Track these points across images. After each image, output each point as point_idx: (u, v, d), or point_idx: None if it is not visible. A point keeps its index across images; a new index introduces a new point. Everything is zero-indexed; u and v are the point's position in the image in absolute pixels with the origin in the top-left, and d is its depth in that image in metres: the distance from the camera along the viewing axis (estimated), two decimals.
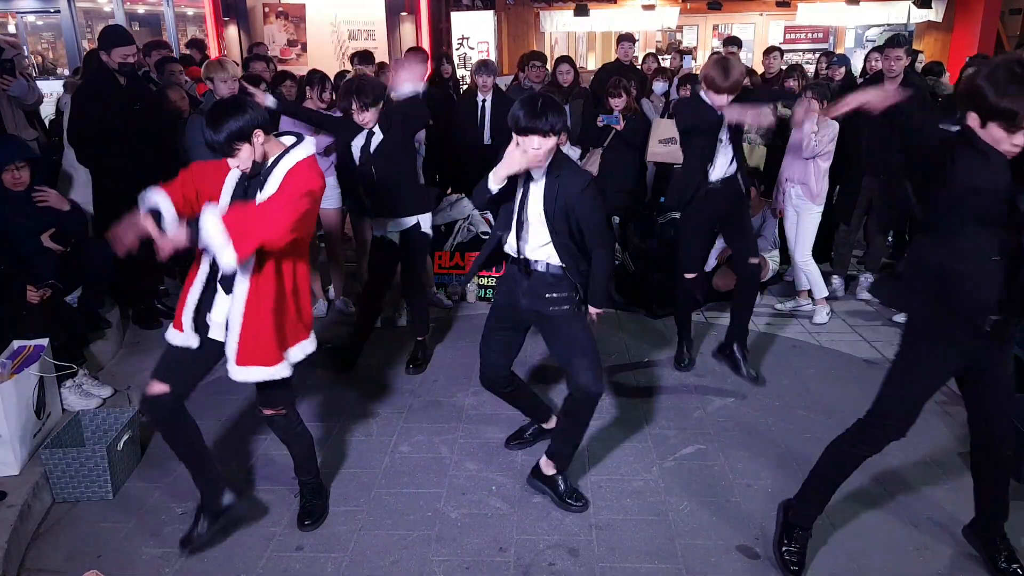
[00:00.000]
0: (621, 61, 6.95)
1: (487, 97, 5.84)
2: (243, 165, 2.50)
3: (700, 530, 2.91)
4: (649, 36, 15.11)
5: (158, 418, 2.67)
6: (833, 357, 4.45)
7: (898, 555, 2.76)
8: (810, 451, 3.42)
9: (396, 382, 4.16)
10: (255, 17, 11.10)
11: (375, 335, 4.79)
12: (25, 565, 2.78)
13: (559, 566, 2.73)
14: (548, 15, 13.16)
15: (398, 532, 2.92)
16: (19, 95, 4.64)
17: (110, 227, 2.50)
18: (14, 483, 3.02)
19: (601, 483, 3.21)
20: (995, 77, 1.93)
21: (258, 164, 2.53)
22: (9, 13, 10.81)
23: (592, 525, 2.94)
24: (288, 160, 2.53)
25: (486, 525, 2.96)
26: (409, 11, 12.08)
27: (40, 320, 3.53)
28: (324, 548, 2.84)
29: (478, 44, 11.44)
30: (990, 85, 1.94)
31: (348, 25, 11.10)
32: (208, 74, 4.54)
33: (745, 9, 13.55)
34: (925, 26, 12.12)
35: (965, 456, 3.36)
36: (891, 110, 2.46)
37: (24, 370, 3.20)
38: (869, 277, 5.40)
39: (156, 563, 2.77)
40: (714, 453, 3.44)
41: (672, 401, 3.91)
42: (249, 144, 2.46)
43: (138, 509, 3.08)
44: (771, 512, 2.94)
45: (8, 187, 3.77)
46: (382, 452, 3.48)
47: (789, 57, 13.17)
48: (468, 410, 3.87)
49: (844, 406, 3.84)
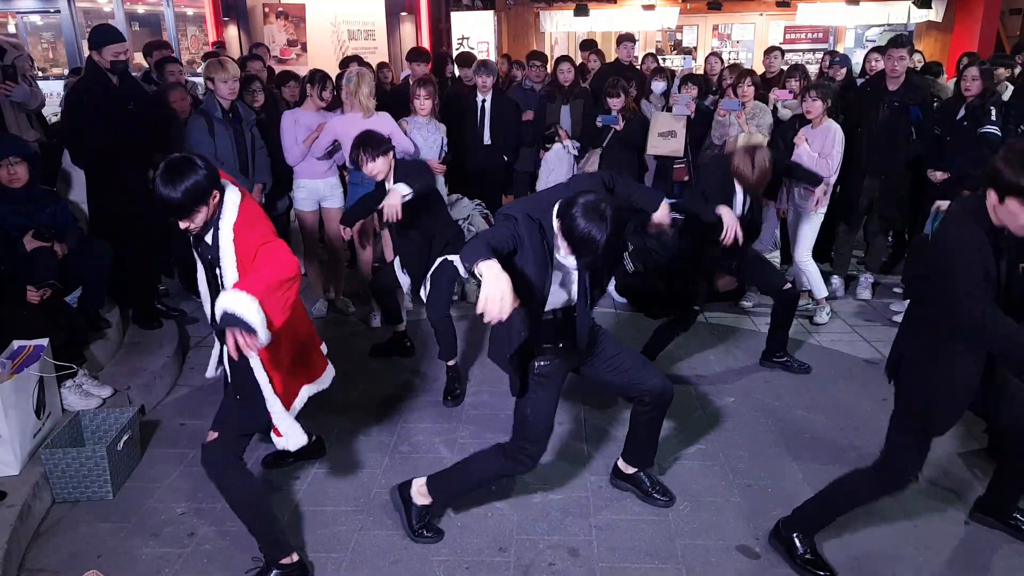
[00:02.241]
0: (621, 61, 6.95)
1: (487, 97, 5.84)
2: (195, 226, 2.42)
3: (700, 530, 2.91)
4: (649, 36, 15.09)
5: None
6: (833, 357, 4.45)
7: (898, 555, 2.76)
8: (810, 451, 3.44)
9: (396, 382, 4.16)
10: (255, 17, 11.10)
11: (375, 335, 4.80)
12: (25, 565, 2.78)
13: (559, 566, 2.73)
14: (548, 15, 13.14)
15: (398, 532, 2.91)
16: (21, 100, 4.64)
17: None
18: (14, 483, 3.02)
19: (601, 483, 3.21)
20: (1011, 158, 2.13)
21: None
22: (9, 13, 10.81)
23: (592, 525, 2.94)
24: (225, 221, 2.43)
25: (486, 525, 2.96)
26: (409, 11, 12.08)
27: (40, 320, 3.53)
28: (324, 548, 2.84)
29: (478, 44, 11.43)
30: (1007, 166, 2.12)
31: (348, 25, 11.10)
32: (208, 74, 4.53)
33: (745, 9, 13.53)
34: (925, 26, 12.10)
35: (965, 456, 3.37)
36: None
37: (24, 370, 3.20)
38: (869, 277, 5.40)
39: (156, 563, 2.77)
40: (714, 453, 3.44)
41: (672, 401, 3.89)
42: (207, 207, 2.38)
43: (138, 509, 3.08)
44: (771, 512, 2.94)
45: (4, 183, 3.77)
46: (382, 452, 3.48)
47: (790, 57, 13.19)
48: (468, 410, 3.87)
49: (844, 406, 3.85)
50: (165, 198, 2.32)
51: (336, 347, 4.60)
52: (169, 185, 2.31)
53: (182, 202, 2.32)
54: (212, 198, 2.39)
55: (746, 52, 14.06)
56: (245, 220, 2.44)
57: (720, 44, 14.40)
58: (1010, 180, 2.10)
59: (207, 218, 2.42)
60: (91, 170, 4.40)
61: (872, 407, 3.78)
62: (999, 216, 2.19)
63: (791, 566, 2.68)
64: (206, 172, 2.36)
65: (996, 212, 2.19)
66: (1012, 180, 2.10)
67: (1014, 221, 2.15)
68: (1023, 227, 2.15)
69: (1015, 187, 2.10)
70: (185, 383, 4.14)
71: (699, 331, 4.74)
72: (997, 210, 2.18)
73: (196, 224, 2.42)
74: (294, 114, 4.77)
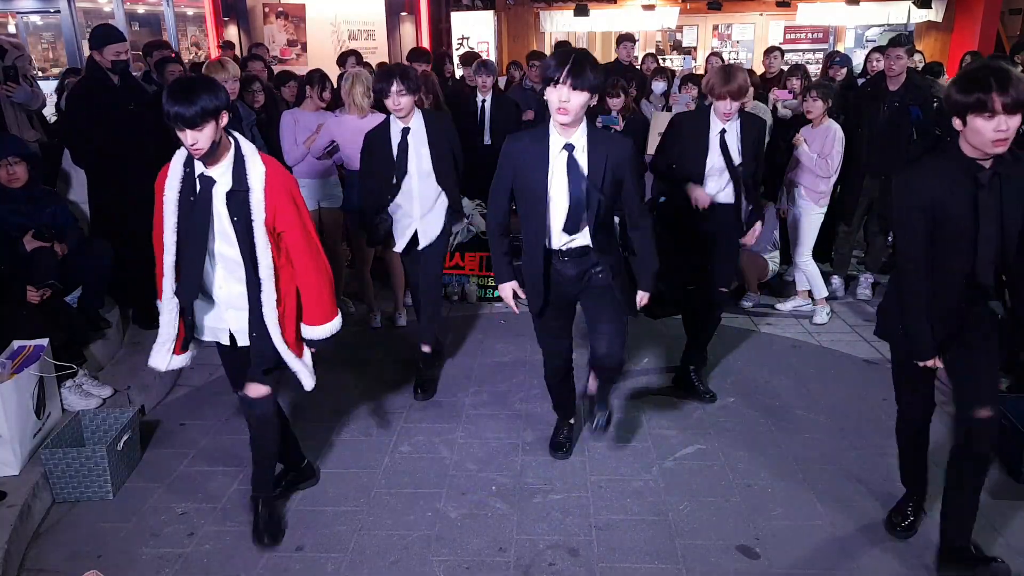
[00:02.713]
0: (621, 61, 6.95)
1: (487, 97, 5.84)
2: (202, 145, 2.36)
3: (700, 530, 2.91)
4: (649, 36, 15.09)
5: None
6: (833, 357, 4.45)
7: (898, 555, 2.76)
8: (810, 451, 3.44)
9: (396, 382, 4.16)
10: (255, 17, 11.10)
11: (376, 335, 4.80)
12: (25, 565, 2.78)
13: (559, 566, 2.73)
14: (548, 15, 13.14)
15: (398, 532, 2.92)
16: (23, 101, 4.64)
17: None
18: (14, 483, 3.02)
19: (601, 483, 3.21)
20: (958, 80, 2.29)
21: (211, 153, 2.41)
22: (9, 13, 10.81)
23: (592, 525, 2.94)
24: (254, 163, 2.49)
25: (486, 525, 2.96)
26: (409, 11, 12.08)
27: (40, 320, 3.53)
28: (324, 548, 2.84)
29: (478, 44, 11.43)
30: (956, 88, 2.26)
31: (348, 25, 11.11)
32: (208, 74, 4.54)
33: (745, 9, 13.54)
34: (925, 26, 12.11)
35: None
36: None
37: (24, 370, 3.20)
38: (869, 277, 5.41)
39: (156, 563, 2.77)
40: (714, 453, 3.44)
41: (672, 401, 3.91)
42: (215, 123, 2.36)
43: (138, 509, 3.08)
44: (771, 512, 2.94)
45: (4, 183, 3.77)
46: (382, 452, 3.48)
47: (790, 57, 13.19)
48: (468, 410, 3.87)
49: (844, 406, 3.85)
50: (176, 101, 2.28)
51: (336, 347, 4.61)
52: (180, 91, 2.31)
53: (193, 103, 2.28)
54: (221, 117, 2.38)
55: (746, 52, 14.06)
56: (278, 178, 2.52)
57: (720, 44, 14.40)
58: (962, 100, 2.21)
59: (213, 140, 2.38)
60: (91, 170, 4.40)
61: (872, 407, 3.78)
62: (970, 141, 2.26)
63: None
64: (223, 89, 2.41)
65: (966, 139, 2.27)
66: (962, 100, 2.21)
67: (981, 137, 2.21)
68: (992, 141, 2.20)
69: (968, 104, 2.19)
70: (185, 383, 4.14)
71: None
72: (966, 136, 2.26)
73: (202, 144, 2.36)
74: (293, 114, 4.77)
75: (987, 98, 2.15)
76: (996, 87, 2.14)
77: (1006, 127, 2.17)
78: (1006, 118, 2.16)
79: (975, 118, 2.20)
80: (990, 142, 2.20)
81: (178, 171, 2.49)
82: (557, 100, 2.64)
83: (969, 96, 2.19)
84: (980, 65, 2.30)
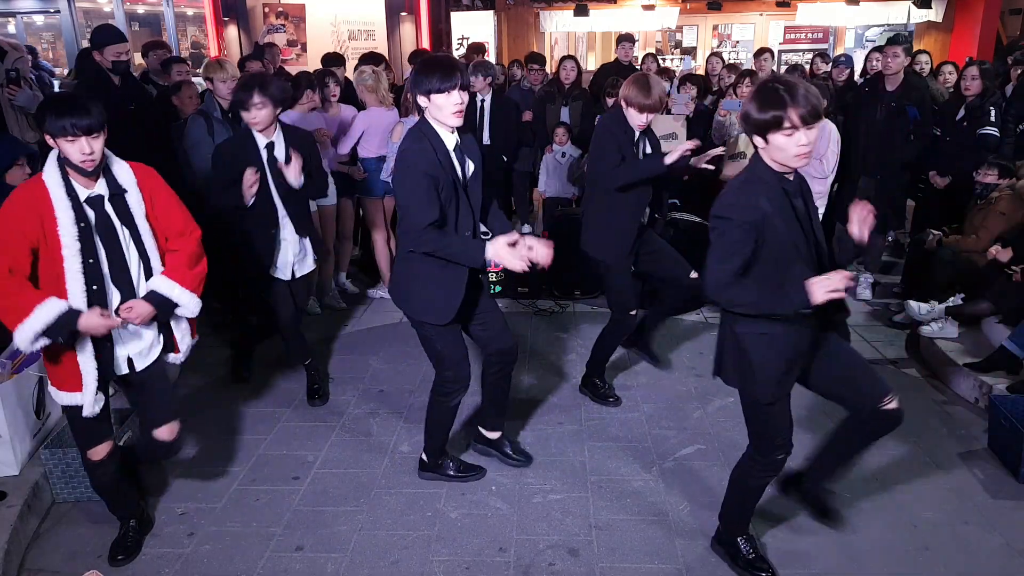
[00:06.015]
0: (621, 61, 6.96)
1: (486, 97, 5.84)
2: (98, 154, 2.35)
3: (700, 530, 2.91)
4: (649, 36, 15.09)
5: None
6: None
7: (898, 555, 2.76)
8: (810, 451, 3.43)
9: (396, 382, 4.16)
10: (255, 17, 11.08)
11: (376, 335, 4.80)
12: (25, 565, 2.78)
13: (559, 566, 2.74)
14: (548, 15, 13.14)
15: (398, 532, 2.92)
16: (24, 104, 4.64)
17: None
18: (14, 483, 3.02)
19: (601, 483, 3.22)
20: (754, 97, 2.19)
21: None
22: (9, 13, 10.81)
23: (592, 525, 2.94)
24: (119, 165, 2.52)
25: (486, 525, 2.96)
26: (409, 11, 12.06)
27: None
28: (324, 548, 2.84)
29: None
30: (752, 105, 2.18)
31: (348, 25, 11.08)
32: (208, 74, 4.54)
33: (745, 9, 13.53)
34: (925, 26, 12.11)
35: (965, 456, 3.37)
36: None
37: (24, 370, 3.20)
38: (869, 278, 5.40)
39: (156, 563, 2.77)
40: (714, 453, 3.44)
41: (672, 401, 3.91)
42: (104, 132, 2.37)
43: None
44: (771, 512, 2.94)
45: (8, 184, 3.77)
46: (382, 452, 3.48)
47: (789, 58, 13.21)
48: (467, 410, 3.86)
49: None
50: (71, 112, 2.28)
51: (336, 347, 4.62)
52: (67, 102, 2.32)
53: (89, 112, 2.31)
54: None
55: (746, 52, 14.04)
56: (142, 169, 2.57)
57: (720, 44, 14.40)
58: (761, 118, 2.15)
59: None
60: None
61: None
62: (774, 158, 2.21)
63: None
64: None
65: (770, 156, 2.21)
66: (760, 118, 2.15)
67: (785, 154, 2.17)
68: (796, 156, 2.17)
69: (767, 122, 2.14)
70: (185, 383, 4.14)
71: (698, 331, 4.74)
72: (770, 153, 2.20)
73: (98, 153, 2.36)
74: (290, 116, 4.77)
75: (783, 115, 2.11)
76: (791, 102, 2.10)
77: (806, 140, 2.13)
78: (805, 131, 2.12)
79: (776, 135, 2.15)
80: (793, 156, 2.17)
81: (62, 199, 2.36)
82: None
83: (766, 114, 2.13)
84: (771, 81, 2.20)
